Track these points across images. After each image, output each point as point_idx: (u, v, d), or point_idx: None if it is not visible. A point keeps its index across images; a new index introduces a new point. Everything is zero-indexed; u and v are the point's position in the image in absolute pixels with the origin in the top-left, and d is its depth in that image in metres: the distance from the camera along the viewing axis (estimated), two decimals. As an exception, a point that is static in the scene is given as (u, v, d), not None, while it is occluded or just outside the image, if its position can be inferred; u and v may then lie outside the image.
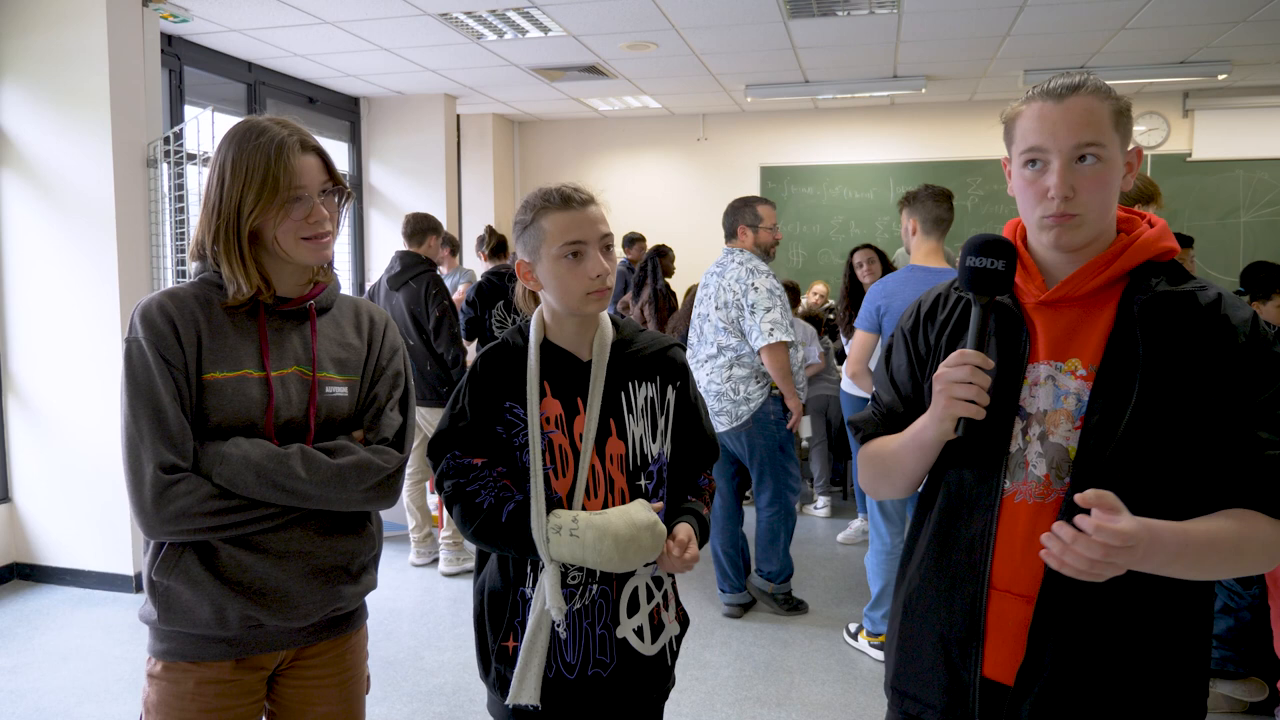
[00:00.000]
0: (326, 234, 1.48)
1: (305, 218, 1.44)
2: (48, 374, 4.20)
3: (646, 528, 1.48)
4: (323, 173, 1.48)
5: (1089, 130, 1.20)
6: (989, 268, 1.25)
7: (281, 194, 1.41)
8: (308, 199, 1.44)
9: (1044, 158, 1.22)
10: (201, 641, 1.45)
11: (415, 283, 4.31)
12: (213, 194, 1.44)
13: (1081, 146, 1.20)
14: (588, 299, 1.51)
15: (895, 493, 1.43)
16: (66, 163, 4.04)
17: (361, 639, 1.65)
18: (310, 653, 1.55)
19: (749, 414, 3.73)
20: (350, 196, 1.53)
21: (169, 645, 1.46)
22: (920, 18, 5.09)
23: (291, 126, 1.47)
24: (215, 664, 1.46)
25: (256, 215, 1.41)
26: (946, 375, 1.22)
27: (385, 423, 1.56)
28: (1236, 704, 2.95)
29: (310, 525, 1.48)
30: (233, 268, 1.43)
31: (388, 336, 1.63)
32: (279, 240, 1.45)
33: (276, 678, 1.56)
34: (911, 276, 3.32)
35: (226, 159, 1.43)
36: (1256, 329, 1.20)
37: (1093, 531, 1.05)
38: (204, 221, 1.45)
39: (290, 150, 1.42)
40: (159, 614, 1.44)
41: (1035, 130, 1.22)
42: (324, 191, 1.47)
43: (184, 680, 1.45)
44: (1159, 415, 1.18)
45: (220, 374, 1.43)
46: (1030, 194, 1.24)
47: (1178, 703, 1.23)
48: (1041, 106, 1.22)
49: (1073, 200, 1.20)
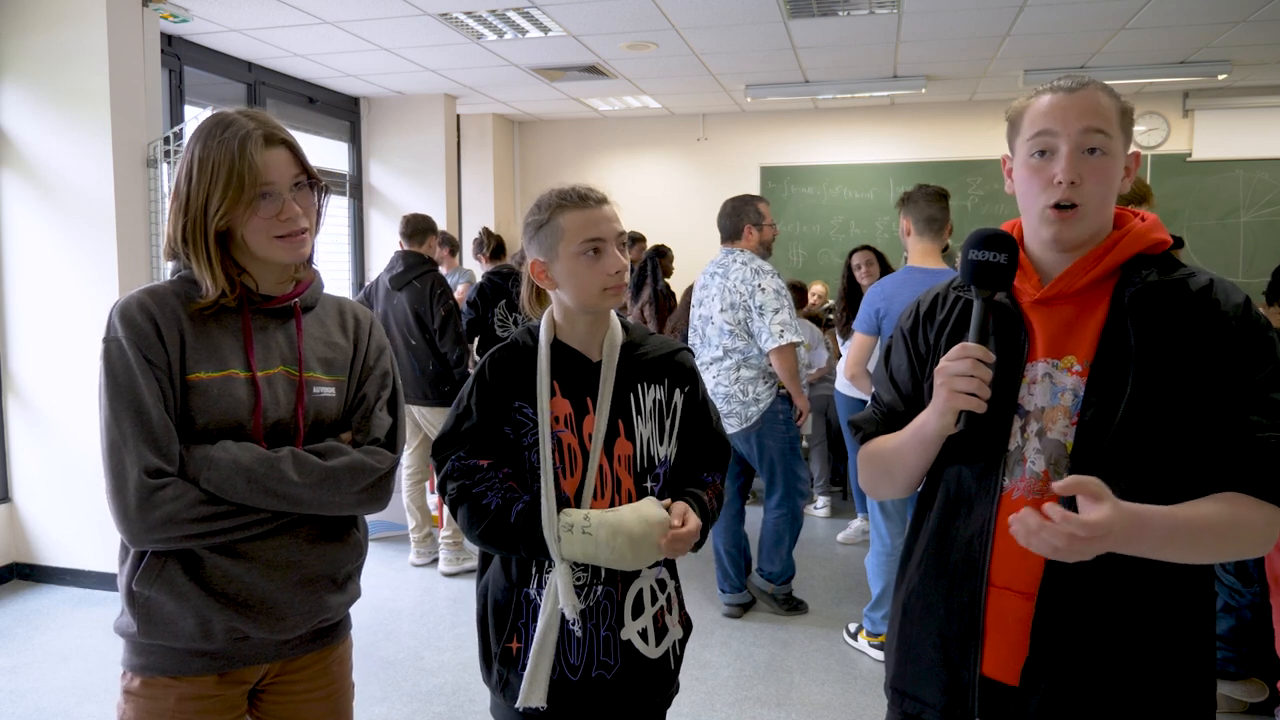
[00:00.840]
0: (300, 231, 1.40)
1: (276, 215, 1.37)
2: (48, 374, 4.20)
3: (659, 524, 1.48)
4: (293, 166, 1.40)
5: (1097, 118, 1.22)
6: (991, 261, 1.25)
7: (247, 191, 1.34)
8: (276, 195, 1.37)
9: (1053, 143, 1.23)
10: (183, 655, 1.38)
11: (419, 282, 4.31)
12: (181, 191, 1.37)
13: (1090, 133, 1.21)
14: (605, 295, 1.53)
15: (895, 491, 1.43)
16: (66, 163, 4.04)
17: (347, 650, 1.59)
18: (295, 666, 1.50)
19: (758, 414, 3.74)
20: (327, 189, 1.47)
21: (148, 659, 1.39)
22: (920, 18, 5.09)
23: (260, 119, 1.39)
24: (197, 679, 1.39)
25: (223, 214, 1.34)
26: (948, 369, 1.23)
27: (375, 423, 1.51)
28: (1236, 704, 2.95)
29: (300, 533, 1.43)
30: (201, 267, 1.37)
31: (374, 335, 1.58)
32: (248, 239, 1.38)
33: (260, 693, 1.50)
34: (909, 278, 3.32)
35: (194, 155, 1.36)
36: (1248, 313, 1.21)
37: (1058, 521, 1.06)
38: (173, 219, 1.39)
39: (254, 144, 1.35)
40: (139, 626, 1.37)
41: (1046, 115, 1.24)
42: (297, 185, 1.40)
43: (164, 696, 1.38)
44: (1154, 406, 1.18)
45: (205, 374, 1.37)
46: (1036, 182, 1.25)
47: (1186, 698, 1.23)
48: (1053, 97, 1.25)
49: (1078, 187, 1.21)
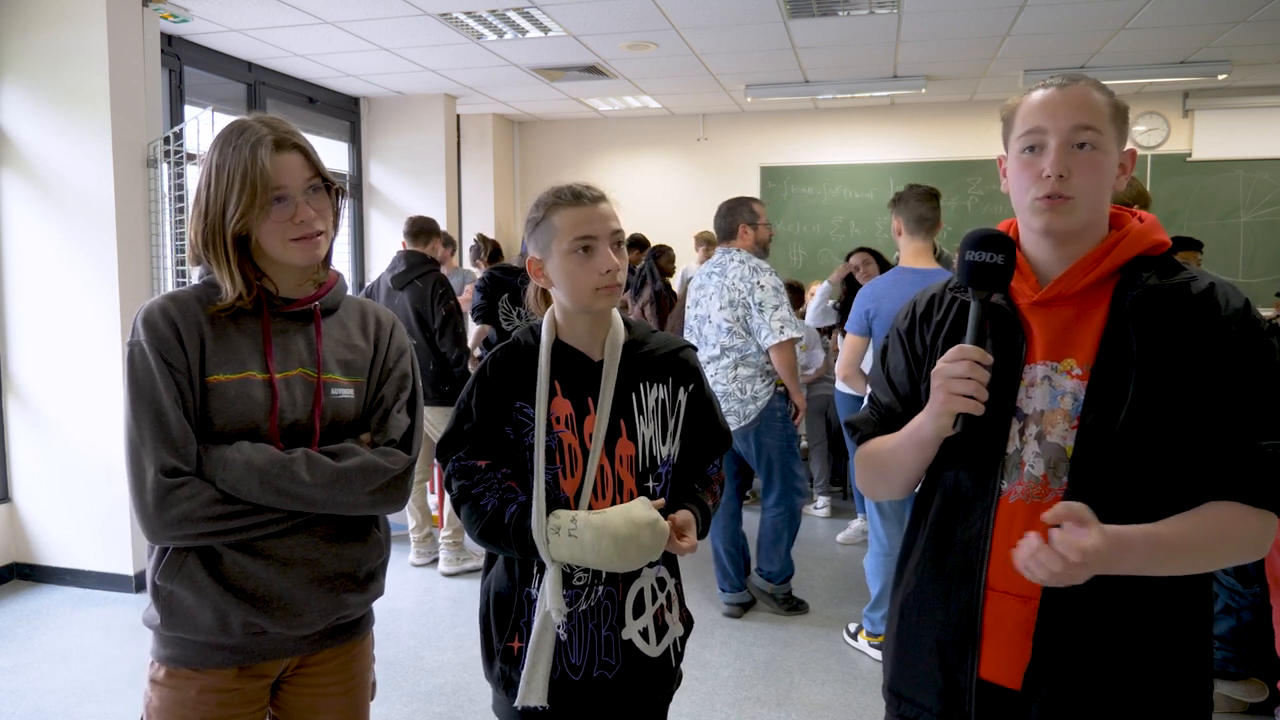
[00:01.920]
0: (316, 234, 1.44)
1: (290, 218, 1.41)
2: (48, 374, 4.20)
3: (647, 525, 1.47)
4: (306, 169, 1.43)
5: (1087, 114, 1.22)
6: (988, 262, 1.25)
7: (261, 196, 1.38)
8: (290, 199, 1.41)
9: (1042, 139, 1.24)
10: (203, 648, 1.43)
11: (421, 282, 4.32)
12: (201, 198, 1.42)
13: (1079, 129, 1.21)
14: (597, 295, 1.51)
15: (892, 493, 1.42)
16: (66, 163, 4.04)
17: (368, 646, 1.62)
18: (315, 660, 1.53)
19: (756, 413, 3.75)
20: (343, 192, 1.50)
21: (172, 651, 1.44)
22: (920, 18, 5.09)
23: (273, 124, 1.43)
24: (218, 671, 1.44)
25: (239, 218, 1.38)
26: (945, 370, 1.23)
27: (392, 424, 1.53)
28: (1236, 704, 2.95)
29: (316, 531, 1.45)
30: (220, 270, 1.41)
31: (394, 338, 1.60)
32: (264, 243, 1.42)
33: (280, 685, 1.53)
34: (900, 279, 3.32)
35: (212, 161, 1.41)
36: (1248, 317, 1.20)
37: (1057, 543, 1.10)
38: (194, 225, 1.43)
39: (265, 150, 1.38)
40: (162, 619, 1.43)
41: (1036, 113, 1.25)
42: (312, 189, 1.44)
43: (186, 687, 1.43)
44: (1155, 412, 1.18)
45: (224, 376, 1.41)
46: (1026, 177, 1.26)
47: (1184, 701, 1.23)
48: (1044, 94, 1.25)
49: (1067, 181, 1.22)
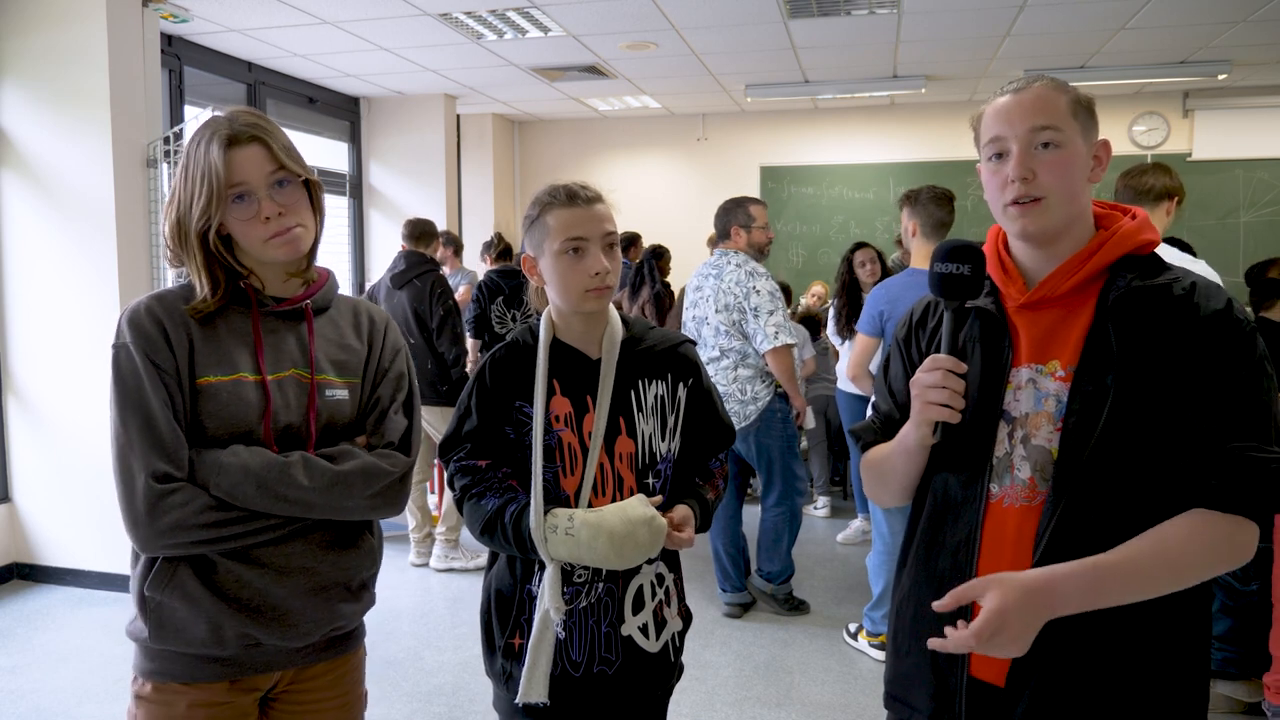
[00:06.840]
0: (289, 229, 1.37)
1: (255, 215, 1.34)
2: (48, 374, 4.20)
3: (643, 523, 1.47)
4: (268, 162, 1.35)
5: (1043, 115, 1.23)
6: (954, 273, 1.28)
7: (217, 194, 1.32)
8: (251, 195, 1.34)
9: (1004, 146, 1.25)
10: (195, 661, 1.37)
11: (420, 281, 4.33)
12: (172, 197, 1.38)
13: (1037, 130, 1.23)
14: (586, 296, 1.51)
15: (893, 499, 1.45)
16: (66, 163, 4.04)
17: (360, 658, 1.58)
18: (308, 674, 1.48)
19: (756, 413, 3.75)
20: (317, 184, 1.43)
21: (160, 665, 1.38)
22: (920, 18, 5.09)
23: (233, 117, 1.35)
24: (209, 685, 1.38)
25: (199, 218, 1.33)
26: (920, 380, 1.26)
27: (390, 426, 1.48)
28: (1235, 704, 2.95)
29: (313, 538, 1.41)
30: (191, 270, 1.37)
31: (389, 337, 1.55)
32: (240, 241, 1.37)
33: (272, 701, 1.48)
34: (913, 280, 3.31)
35: (182, 160, 1.36)
36: (1228, 318, 1.19)
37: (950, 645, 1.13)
38: (167, 225, 1.39)
39: (219, 145, 1.32)
40: (150, 632, 1.36)
41: (996, 120, 1.27)
42: (278, 183, 1.36)
43: (175, 702, 1.37)
44: (1137, 413, 1.17)
45: (214, 378, 1.36)
46: (995, 184, 1.28)
47: (1175, 703, 1.23)
48: (1001, 101, 1.27)
49: (1032, 182, 1.23)
